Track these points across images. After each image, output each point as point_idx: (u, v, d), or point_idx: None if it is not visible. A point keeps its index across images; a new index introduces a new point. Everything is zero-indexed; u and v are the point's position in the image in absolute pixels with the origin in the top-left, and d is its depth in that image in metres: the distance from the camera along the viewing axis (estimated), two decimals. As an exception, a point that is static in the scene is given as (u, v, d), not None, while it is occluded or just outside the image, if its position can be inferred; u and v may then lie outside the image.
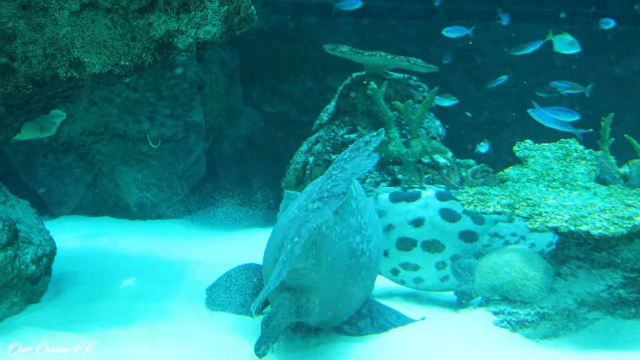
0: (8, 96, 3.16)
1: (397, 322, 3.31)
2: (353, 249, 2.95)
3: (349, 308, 3.09)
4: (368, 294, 3.26)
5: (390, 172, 5.55)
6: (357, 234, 2.99)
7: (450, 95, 6.00)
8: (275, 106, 7.57)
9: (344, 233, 2.88)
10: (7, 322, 3.26)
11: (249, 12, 3.63)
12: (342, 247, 2.88)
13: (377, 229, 3.27)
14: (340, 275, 2.89)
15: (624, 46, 7.24)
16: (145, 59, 3.30)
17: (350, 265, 2.93)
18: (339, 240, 2.84)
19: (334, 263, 2.83)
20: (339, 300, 2.98)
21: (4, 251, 3.24)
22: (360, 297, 3.14)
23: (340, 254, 2.86)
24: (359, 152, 2.77)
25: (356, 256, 2.97)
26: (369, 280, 3.14)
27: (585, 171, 3.58)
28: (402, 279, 3.71)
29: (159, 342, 3.06)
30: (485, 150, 6.17)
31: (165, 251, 4.91)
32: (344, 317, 3.13)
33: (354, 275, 2.97)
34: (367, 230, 3.08)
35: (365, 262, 3.03)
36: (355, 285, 3.01)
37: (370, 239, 3.10)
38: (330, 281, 2.85)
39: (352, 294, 3.02)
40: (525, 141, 3.84)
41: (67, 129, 6.00)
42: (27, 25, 3.04)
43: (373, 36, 7.29)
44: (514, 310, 3.16)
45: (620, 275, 3.15)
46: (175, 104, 6.14)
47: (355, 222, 3.00)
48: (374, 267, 3.16)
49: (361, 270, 3.01)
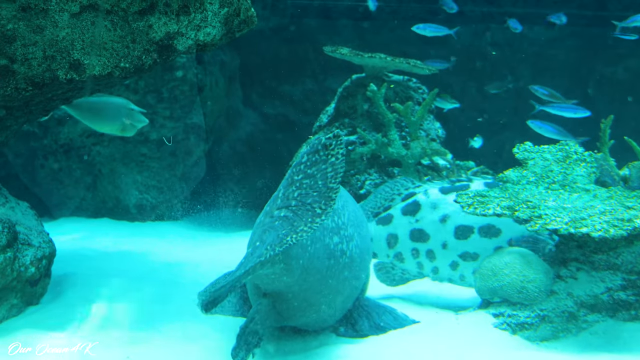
0: (8, 98, 3.16)
1: (396, 324, 3.31)
2: (331, 249, 2.95)
3: (335, 309, 3.09)
4: (357, 293, 3.25)
5: (389, 173, 5.56)
6: (334, 234, 2.98)
7: (450, 98, 6.01)
8: (275, 108, 7.57)
9: (318, 235, 2.88)
10: (7, 324, 3.26)
11: (249, 14, 3.63)
12: (318, 249, 2.87)
13: (360, 227, 3.26)
14: (318, 277, 2.88)
15: (624, 48, 7.24)
16: (145, 60, 3.30)
17: (330, 266, 2.93)
18: (312, 243, 2.84)
19: (309, 265, 2.83)
20: (322, 301, 2.98)
21: (4, 253, 3.24)
22: (348, 297, 3.13)
23: (315, 256, 2.85)
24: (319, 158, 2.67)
25: (335, 257, 2.96)
26: (354, 280, 3.13)
27: (585, 173, 3.58)
28: (461, 274, 3.67)
29: (159, 343, 3.06)
30: (479, 145, 6.17)
31: (165, 253, 4.91)
32: (332, 317, 3.14)
33: (334, 276, 2.96)
34: (346, 230, 3.08)
35: (347, 262, 3.03)
36: (338, 285, 3.01)
37: (351, 239, 3.10)
38: (308, 283, 2.86)
39: (335, 294, 3.02)
40: (525, 143, 3.84)
41: (67, 130, 6.00)
42: (27, 27, 3.04)
43: (373, 38, 7.30)
44: (514, 312, 3.16)
45: (620, 278, 3.15)
46: (175, 106, 6.14)
47: (332, 223, 2.99)
48: (358, 266, 3.14)
49: (343, 271, 3.01)
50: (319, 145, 2.67)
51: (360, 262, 3.18)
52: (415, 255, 3.71)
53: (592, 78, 7.41)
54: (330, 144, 2.66)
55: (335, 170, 2.65)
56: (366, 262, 3.34)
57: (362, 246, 3.22)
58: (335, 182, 2.64)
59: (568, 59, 7.42)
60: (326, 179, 2.64)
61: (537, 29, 7.34)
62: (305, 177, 2.67)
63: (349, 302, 3.19)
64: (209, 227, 6.07)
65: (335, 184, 2.64)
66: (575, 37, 7.39)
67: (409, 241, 3.72)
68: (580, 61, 7.37)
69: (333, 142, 2.66)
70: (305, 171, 2.68)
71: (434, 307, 3.72)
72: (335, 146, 2.66)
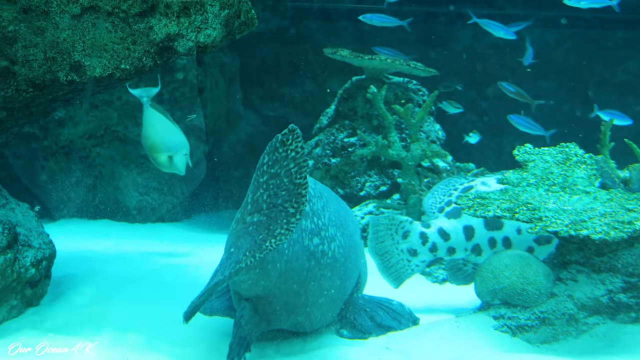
0: (8, 99, 3.16)
1: (396, 324, 3.31)
2: (311, 251, 2.94)
3: (322, 310, 3.10)
4: (347, 293, 3.26)
5: (390, 175, 5.56)
6: (314, 236, 2.98)
7: (455, 103, 6.01)
8: (275, 110, 7.57)
9: (296, 238, 2.87)
10: (7, 325, 3.26)
11: (249, 16, 3.63)
12: (297, 251, 2.86)
13: (344, 227, 3.24)
14: (298, 279, 2.89)
15: (624, 51, 7.25)
16: (146, 62, 3.30)
17: (310, 268, 2.93)
18: (290, 246, 2.83)
19: (288, 268, 2.82)
20: (306, 303, 2.98)
21: (4, 254, 3.24)
22: (334, 298, 3.13)
23: (294, 259, 2.85)
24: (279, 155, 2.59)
25: (316, 258, 2.96)
26: (339, 280, 3.12)
27: (585, 175, 3.58)
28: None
29: (159, 345, 3.06)
30: (475, 141, 6.16)
31: (165, 254, 4.91)
32: (321, 318, 3.14)
33: (316, 278, 2.97)
34: (327, 231, 3.07)
35: (329, 262, 3.03)
36: (321, 286, 3.01)
37: (333, 239, 3.09)
38: (288, 286, 2.86)
39: (319, 295, 3.02)
40: (525, 145, 3.84)
41: (68, 132, 6.00)
42: (28, 28, 3.04)
43: (373, 40, 7.30)
44: (514, 314, 3.16)
45: (621, 280, 3.15)
46: (176, 108, 6.14)
47: (311, 225, 2.99)
48: (342, 266, 3.13)
49: (325, 271, 3.01)
50: (276, 142, 2.58)
51: (345, 262, 3.16)
52: (492, 244, 3.65)
53: (592, 80, 7.41)
54: (287, 139, 2.57)
55: (298, 165, 2.56)
56: (355, 261, 3.32)
57: (347, 246, 3.20)
58: (301, 177, 2.56)
59: (568, 61, 7.42)
60: (291, 175, 2.56)
61: (537, 31, 7.35)
62: (270, 178, 2.60)
63: (337, 302, 3.19)
64: (209, 228, 6.07)
65: (302, 179, 2.56)
66: (575, 39, 7.40)
67: (484, 230, 3.66)
68: (580, 63, 7.37)
69: (290, 137, 2.57)
70: (269, 171, 2.61)
71: (433, 309, 3.72)
72: (292, 140, 2.57)
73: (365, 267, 3.57)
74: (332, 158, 5.69)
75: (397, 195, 5.38)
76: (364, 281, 3.52)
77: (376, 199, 5.40)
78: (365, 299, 3.42)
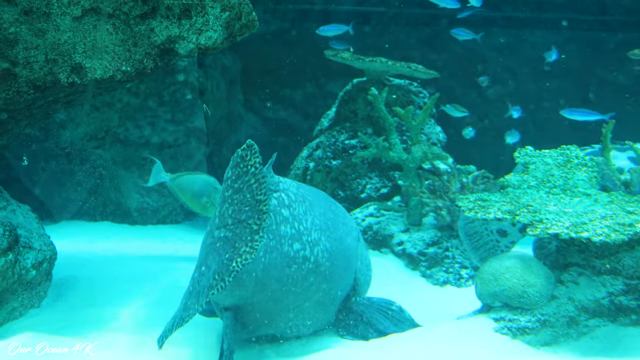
0: (9, 101, 3.17)
1: (396, 327, 3.31)
2: (291, 257, 2.94)
3: (308, 315, 3.10)
4: (337, 297, 3.24)
5: (390, 177, 5.56)
6: (295, 241, 2.98)
7: (460, 106, 6.02)
8: (276, 112, 7.58)
9: (274, 244, 2.88)
10: (8, 327, 3.26)
11: (250, 18, 3.64)
12: (274, 258, 2.87)
13: (330, 231, 3.22)
14: (277, 286, 2.89)
15: (625, 53, 7.25)
16: (147, 64, 3.30)
17: (291, 274, 2.94)
18: (266, 253, 2.85)
19: (265, 276, 2.84)
20: (288, 309, 2.99)
21: (5, 256, 3.24)
22: (319, 302, 3.12)
23: (272, 266, 2.86)
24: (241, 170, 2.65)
25: (297, 263, 2.96)
26: (324, 284, 3.11)
27: (586, 178, 3.58)
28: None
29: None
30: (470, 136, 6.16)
31: (166, 256, 4.91)
32: (308, 324, 3.15)
33: (297, 283, 2.97)
34: (309, 235, 3.06)
35: (312, 267, 3.02)
36: (304, 292, 3.01)
37: (316, 244, 3.08)
38: (266, 294, 2.87)
39: (303, 301, 3.03)
40: (526, 147, 3.84)
41: (69, 133, 6.01)
42: (29, 30, 3.05)
43: (374, 42, 7.31)
44: (514, 317, 3.16)
45: (622, 282, 3.14)
46: (176, 109, 6.15)
47: (292, 230, 2.99)
48: (327, 271, 3.12)
49: (308, 277, 3.01)
50: (237, 157, 2.65)
51: (332, 266, 3.15)
52: None
53: (593, 82, 7.41)
54: (246, 155, 2.63)
55: (258, 182, 2.63)
56: (347, 264, 3.29)
57: (334, 250, 3.18)
58: (261, 193, 2.62)
59: (569, 63, 7.42)
60: (252, 191, 2.63)
61: (538, 33, 7.35)
62: (235, 192, 2.66)
63: (326, 306, 3.18)
64: (209, 230, 6.06)
65: (262, 196, 2.62)
66: (575, 41, 7.40)
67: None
68: (581, 65, 7.37)
69: (248, 153, 2.63)
70: (233, 186, 2.66)
71: (434, 311, 3.72)
72: (251, 156, 2.63)
73: (367, 269, 3.55)
74: (333, 160, 5.69)
75: (398, 198, 5.38)
76: (364, 283, 3.50)
77: (377, 201, 5.40)
78: (364, 302, 3.41)
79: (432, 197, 4.73)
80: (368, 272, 3.58)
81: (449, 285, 4.40)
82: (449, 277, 4.43)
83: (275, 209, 2.96)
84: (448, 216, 4.65)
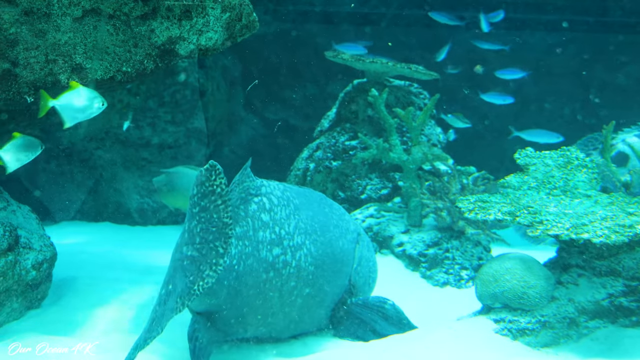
0: (10, 102, 3.17)
1: (395, 329, 3.30)
2: (270, 262, 2.94)
3: (290, 318, 3.09)
4: (325, 300, 3.23)
5: (391, 178, 5.55)
6: (274, 246, 2.97)
7: (462, 117, 6.02)
8: (277, 112, 7.58)
9: (250, 251, 2.88)
10: (7, 327, 3.27)
11: (250, 19, 3.64)
12: (250, 264, 2.87)
13: (317, 234, 3.19)
14: (253, 292, 2.89)
15: (625, 55, 7.25)
16: (147, 65, 3.31)
17: (269, 279, 2.93)
18: (241, 260, 2.84)
19: (239, 283, 2.84)
20: (267, 314, 2.99)
21: (5, 257, 3.24)
22: (303, 306, 3.12)
23: (247, 272, 2.86)
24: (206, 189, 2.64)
25: (276, 269, 2.95)
26: (307, 288, 3.10)
27: (586, 179, 3.58)
28: None
29: (158, 346, 3.06)
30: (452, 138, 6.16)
31: (166, 257, 4.88)
32: (296, 327, 3.15)
33: (276, 288, 2.96)
34: (291, 240, 3.05)
35: (293, 272, 3.01)
36: (284, 296, 3.00)
37: (299, 248, 3.06)
38: (240, 300, 2.87)
39: (283, 305, 3.02)
40: (526, 149, 3.84)
41: (69, 134, 6.01)
42: (30, 31, 3.05)
43: (374, 43, 7.30)
44: (514, 318, 3.16)
45: (622, 284, 3.14)
46: (177, 110, 6.15)
47: (271, 235, 2.98)
48: (309, 275, 3.10)
49: (288, 281, 3.00)
50: (202, 177, 2.65)
51: (317, 270, 3.13)
52: None
53: (593, 84, 7.41)
54: (210, 175, 2.63)
55: (224, 202, 2.63)
56: (338, 266, 3.27)
57: (320, 253, 3.16)
58: (227, 216, 2.62)
59: (569, 65, 7.42)
60: (219, 212, 2.63)
61: (538, 35, 7.35)
62: (201, 210, 2.66)
63: (312, 310, 3.17)
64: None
65: (228, 219, 2.62)
66: (576, 43, 7.40)
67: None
68: (581, 67, 7.37)
69: (212, 173, 2.63)
70: (199, 203, 2.67)
71: (434, 312, 3.72)
72: (215, 177, 2.64)
73: (369, 270, 3.54)
74: (334, 161, 5.69)
75: (398, 199, 5.38)
76: (363, 284, 3.48)
77: (377, 202, 5.40)
78: (359, 303, 3.38)
79: (433, 198, 4.73)
80: (370, 274, 3.55)
81: (449, 286, 4.40)
82: (449, 278, 4.43)
83: (254, 215, 2.95)
84: (448, 217, 4.65)
